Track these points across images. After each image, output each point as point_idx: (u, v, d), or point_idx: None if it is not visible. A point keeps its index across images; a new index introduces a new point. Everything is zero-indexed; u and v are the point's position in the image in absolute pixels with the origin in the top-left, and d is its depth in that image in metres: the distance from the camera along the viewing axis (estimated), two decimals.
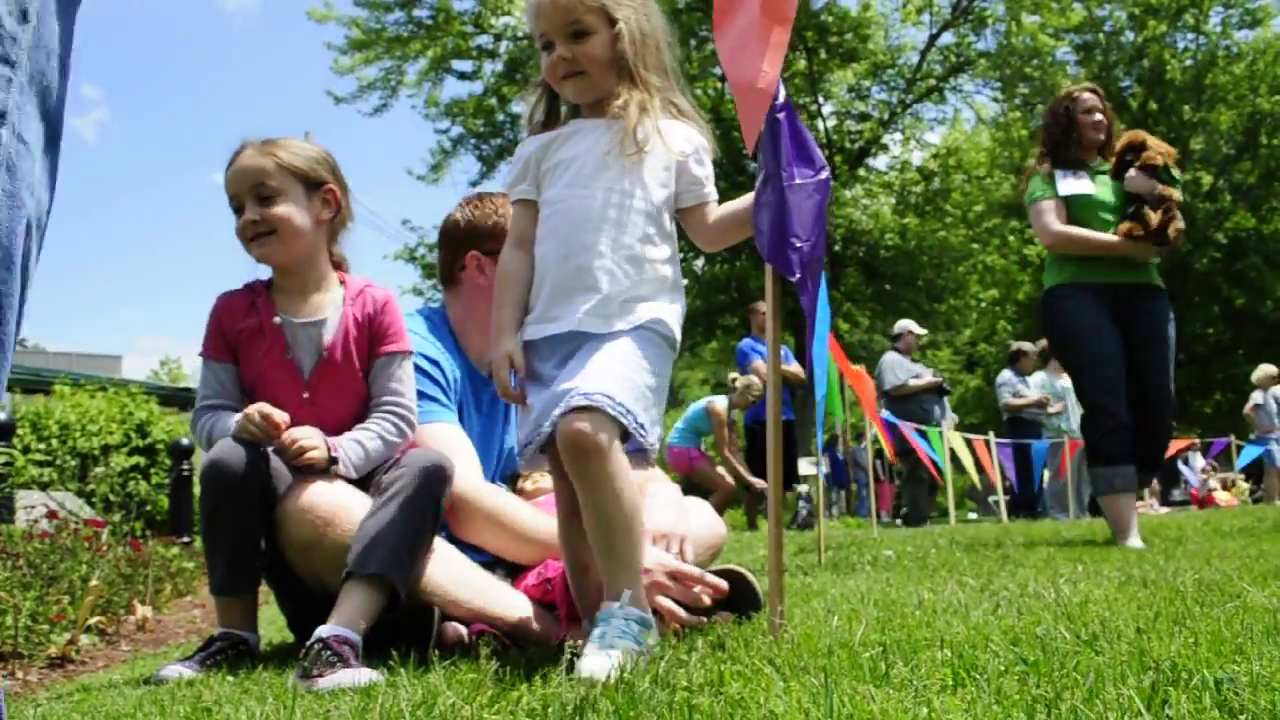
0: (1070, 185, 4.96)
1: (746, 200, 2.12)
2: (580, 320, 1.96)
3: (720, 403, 9.40)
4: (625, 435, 1.89)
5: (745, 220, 2.12)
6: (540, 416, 1.93)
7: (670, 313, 2.04)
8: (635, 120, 2.04)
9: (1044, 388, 10.88)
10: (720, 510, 8.92)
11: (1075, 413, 10.89)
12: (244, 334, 2.55)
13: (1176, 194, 4.74)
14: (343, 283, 2.66)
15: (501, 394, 2.02)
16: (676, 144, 2.11)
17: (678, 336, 2.06)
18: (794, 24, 2.14)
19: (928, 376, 10.62)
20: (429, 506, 2.28)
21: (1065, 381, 11.00)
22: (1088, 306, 4.80)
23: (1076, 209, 4.92)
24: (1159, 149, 4.84)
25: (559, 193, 2.04)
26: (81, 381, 12.05)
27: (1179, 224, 4.71)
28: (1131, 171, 4.83)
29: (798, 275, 2.02)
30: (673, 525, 2.51)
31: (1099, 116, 5.06)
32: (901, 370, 10.46)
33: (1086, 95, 5.11)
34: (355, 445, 2.47)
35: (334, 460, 2.41)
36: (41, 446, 8.80)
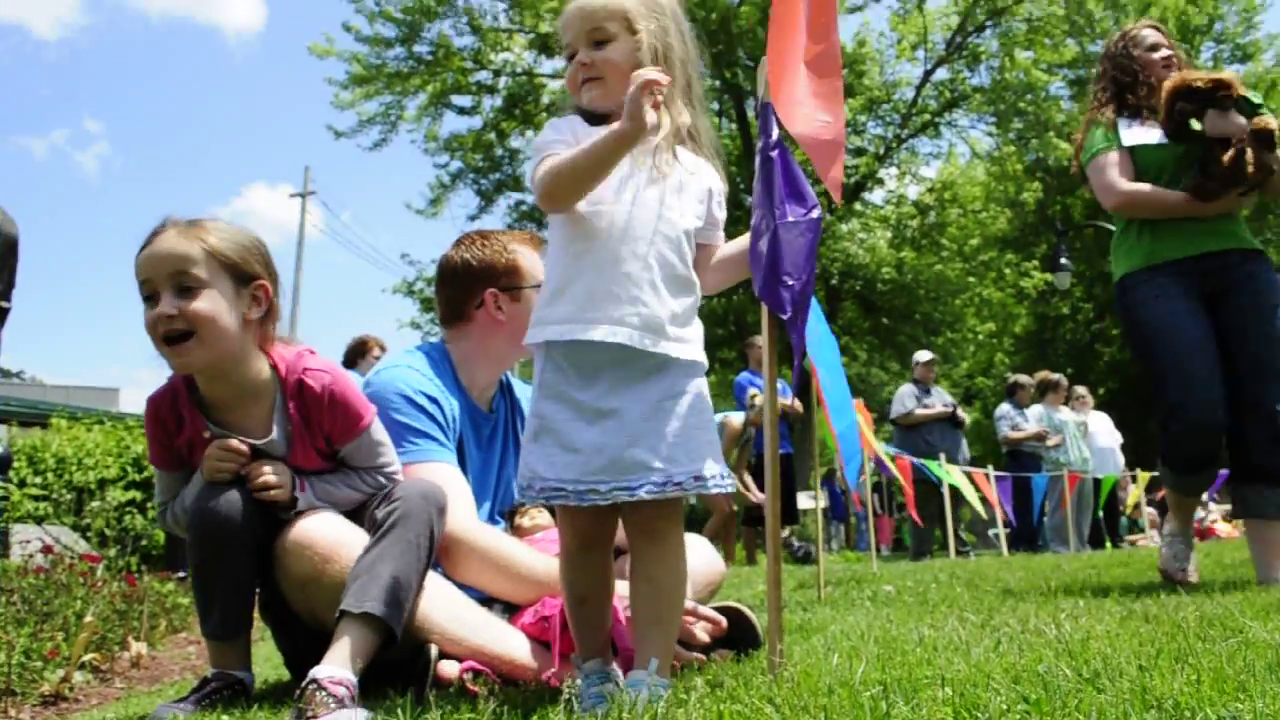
0: (1137, 134, 4.10)
1: (743, 242, 2.12)
2: (628, 334, 1.90)
3: (736, 419, 9.37)
4: None
5: (743, 262, 2.12)
6: (604, 474, 1.86)
7: (701, 332, 2.06)
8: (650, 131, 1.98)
9: (1042, 420, 10.88)
10: (716, 534, 8.90)
11: (1075, 445, 10.88)
12: (184, 448, 2.41)
13: (1273, 122, 3.78)
14: (275, 367, 2.41)
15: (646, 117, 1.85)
16: (707, 179, 2.12)
17: None
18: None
19: (939, 406, 10.55)
20: (424, 540, 2.26)
21: (1063, 415, 11.01)
22: (1168, 291, 3.96)
23: (1144, 165, 4.08)
24: (1222, 81, 3.85)
25: (601, 195, 1.98)
26: (79, 414, 12.02)
27: (1259, 156, 3.77)
28: (1209, 114, 3.85)
29: (789, 313, 2.02)
30: None
31: (1166, 52, 4.20)
32: (910, 400, 10.44)
33: (1146, 30, 4.27)
34: (327, 488, 2.43)
35: (295, 500, 2.37)
36: (38, 480, 8.77)
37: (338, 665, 2.01)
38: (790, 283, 2.00)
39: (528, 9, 19.33)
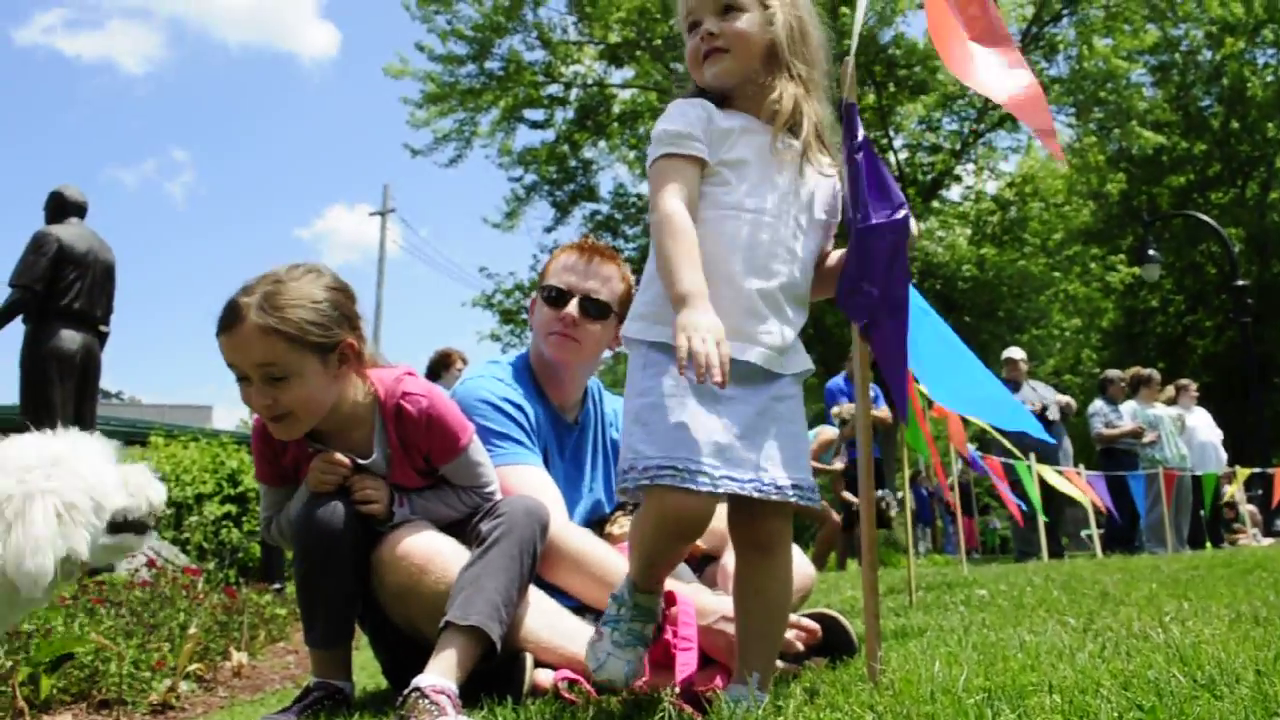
0: None
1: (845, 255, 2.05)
2: (760, 354, 1.85)
3: (830, 432, 9.37)
4: None
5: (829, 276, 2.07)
6: (716, 458, 1.76)
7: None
8: (787, 114, 1.93)
9: (1136, 417, 10.54)
10: (829, 542, 8.88)
11: (1171, 442, 10.53)
12: (290, 466, 2.48)
13: None
14: (374, 392, 2.44)
15: (716, 358, 1.66)
16: (833, 182, 2.04)
17: None
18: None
19: (1030, 405, 10.29)
20: (526, 557, 2.29)
21: (1157, 410, 10.66)
22: None
23: None
24: None
25: (739, 199, 1.90)
26: (175, 432, 12.40)
27: None
28: None
29: (864, 320, 1.99)
30: None
31: None
32: None
33: None
34: (425, 505, 2.48)
35: (392, 514, 2.41)
36: None
37: (440, 675, 2.03)
38: (868, 289, 1.96)
39: (597, 21, 19.45)
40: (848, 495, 9.35)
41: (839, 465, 9.32)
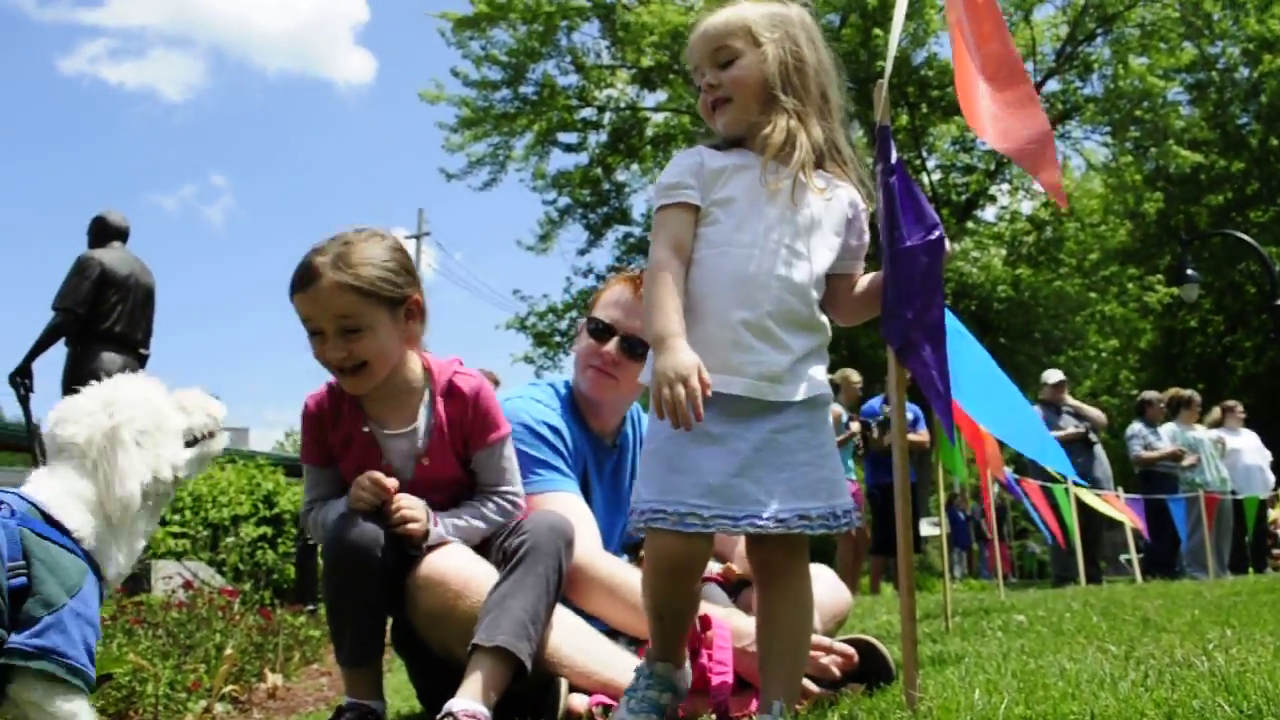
0: None
1: (880, 277, 2.04)
2: (743, 385, 1.87)
3: (834, 408, 9.27)
4: None
5: (879, 297, 2.04)
6: (708, 499, 1.81)
7: (825, 363, 2.02)
8: (777, 146, 1.95)
9: (1175, 439, 10.38)
10: (848, 565, 8.79)
11: (1211, 465, 10.36)
12: (337, 445, 2.52)
13: None
14: (428, 369, 2.56)
15: (685, 400, 1.74)
16: (844, 206, 2.03)
17: None
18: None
19: (1071, 426, 10.15)
20: (552, 574, 2.29)
21: (1197, 433, 10.50)
22: None
23: None
24: None
25: (728, 235, 1.93)
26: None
27: None
28: None
29: (898, 345, 1.98)
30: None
31: None
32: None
33: None
34: (456, 524, 2.48)
35: (428, 535, 2.41)
36: (176, 518, 9.14)
37: (471, 698, 2.03)
38: (903, 312, 1.95)
39: (629, 45, 19.59)
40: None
41: None
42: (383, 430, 2.49)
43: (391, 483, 2.41)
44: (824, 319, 2.01)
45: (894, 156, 2.01)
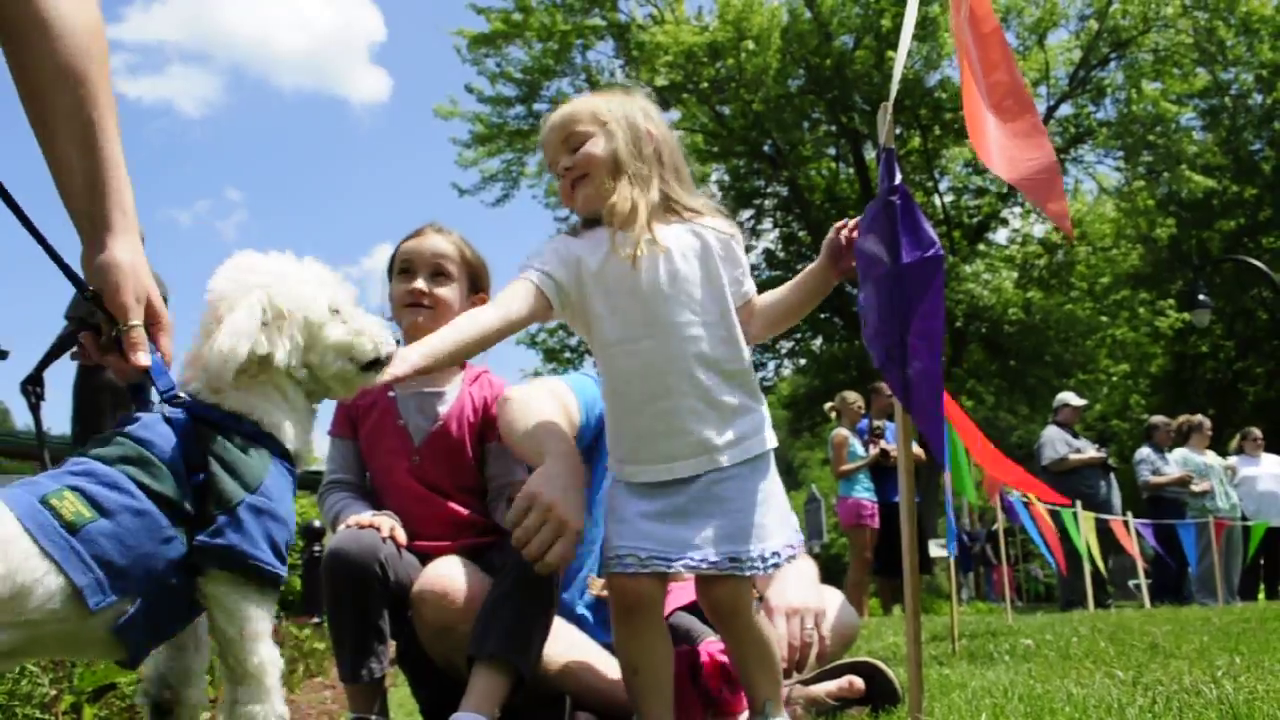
0: None
1: (787, 289, 2.18)
2: (681, 467, 2.01)
3: (840, 433, 9.24)
4: None
5: (794, 309, 2.19)
6: (646, 541, 1.97)
7: (765, 415, 2.10)
8: (624, 215, 2.05)
9: (1185, 464, 10.32)
10: (856, 585, 8.74)
11: (1222, 491, 10.30)
12: (362, 408, 2.66)
13: None
14: (462, 366, 2.73)
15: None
16: (706, 241, 2.11)
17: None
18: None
19: (1090, 451, 10.09)
20: (542, 581, 2.27)
21: (1207, 458, 10.43)
22: None
23: None
24: None
25: (619, 332, 2.04)
26: None
27: None
28: None
29: (880, 362, 2.04)
30: (805, 600, 2.46)
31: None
32: (1061, 445, 9.95)
33: None
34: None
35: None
36: None
37: (473, 712, 2.03)
38: (890, 329, 2.00)
39: (644, 65, 19.67)
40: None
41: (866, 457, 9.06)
42: (405, 391, 2.63)
43: (402, 537, 2.45)
44: (736, 362, 2.07)
45: (898, 178, 2.04)
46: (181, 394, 1.72)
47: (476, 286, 2.73)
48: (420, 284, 2.63)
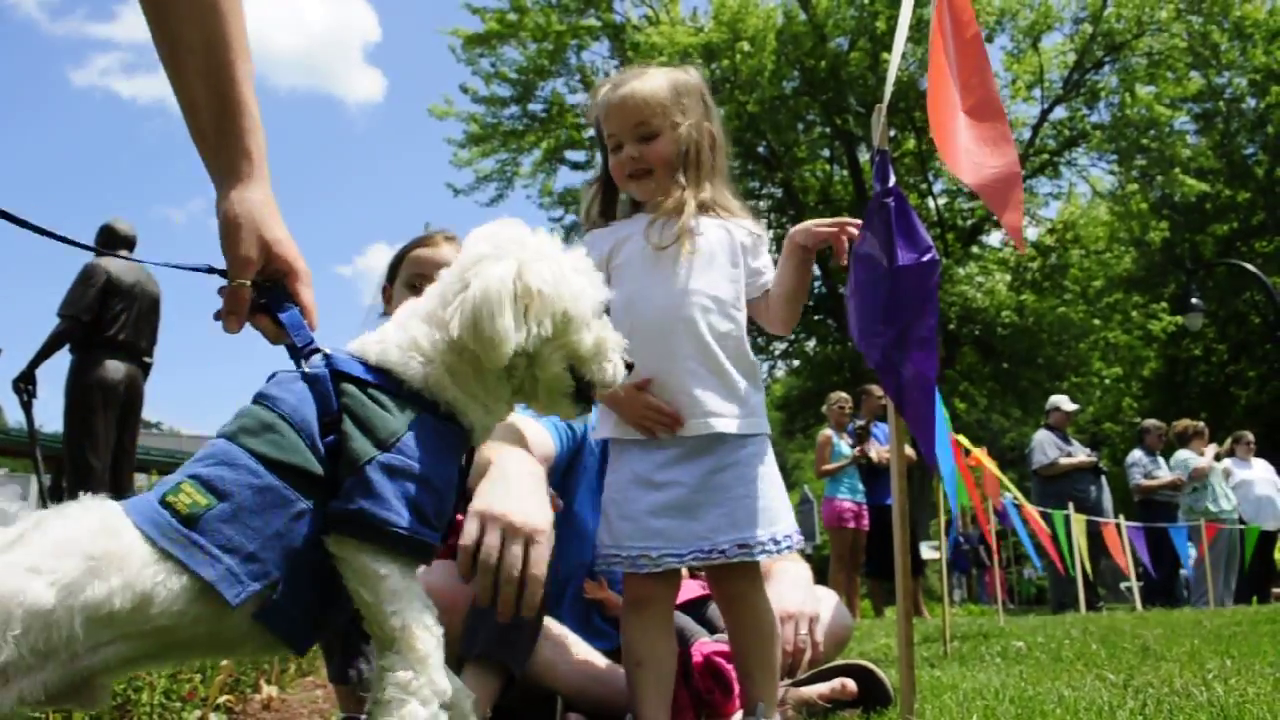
0: None
1: (780, 274, 2.19)
2: (693, 425, 2.04)
3: (825, 433, 9.25)
4: None
5: (793, 294, 2.18)
6: (655, 539, 2.02)
7: (762, 403, 2.15)
8: (669, 211, 2.13)
9: (1185, 466, 10.29)
10: (839, 585, 8.72)
11: (1222, 493, 10.29)
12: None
13: None
14: None
15: (658, 415, 2.05)
16: (737, 237, 2.19)
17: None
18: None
19: (1082, 455, 10.10)
20: None
21: (1198, 460, 10.42)
22: None
23: None
24: None
25: (628, 295, 2.09)
26: None
27: None
28: None
29: (875, 363, 2.05)
30: (801, 604, 2.49)
31: None
32: (1052, 448, 9.98)
33: None
34: None
35: None
36: None
37: None
38: (885, 331, 2.00)
39: (639, 65, 19.67)
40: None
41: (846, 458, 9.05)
42: None
43: None
44: (741, 349, 2.13)
45: (892, 180, 2.04)
46: (324, 348, 1.54)
47: None
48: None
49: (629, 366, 1.61)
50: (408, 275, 2.61)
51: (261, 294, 1.55)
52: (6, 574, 1.25)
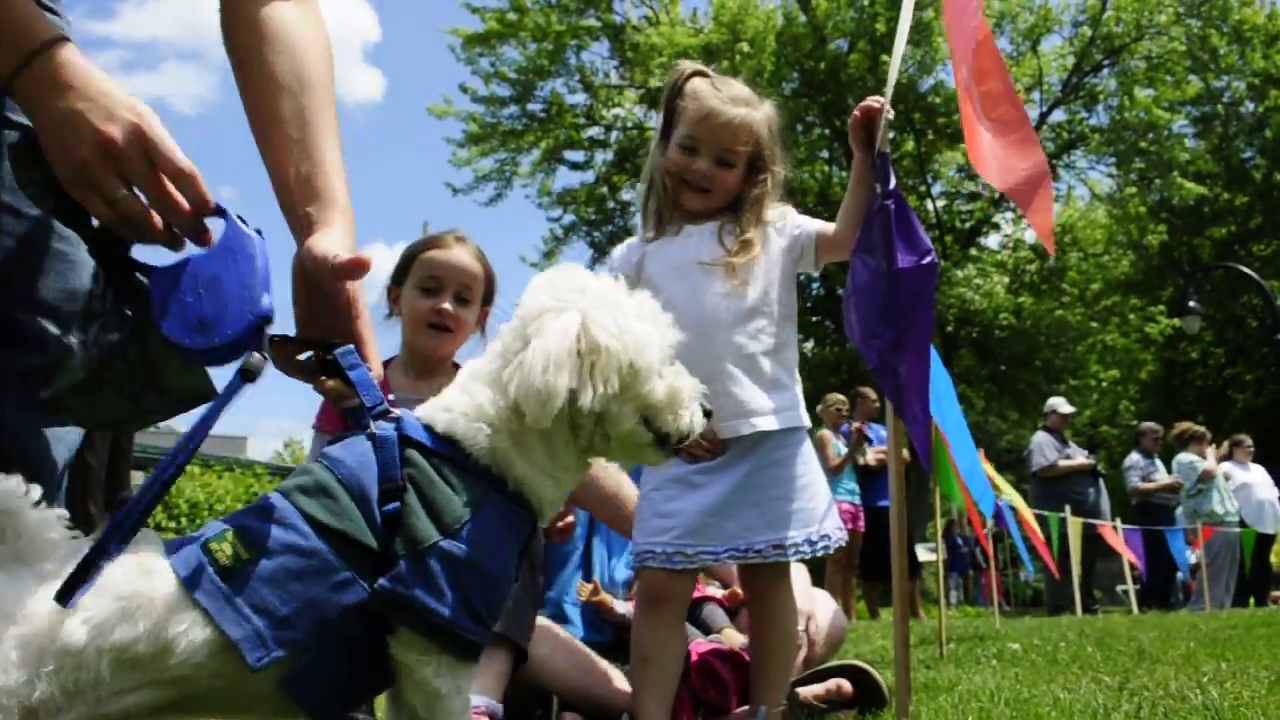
0: None
1: (843, 206, 2.21)
2: (717, 426, 2.05)
3: (824, 433, 9.24)
4: None
5: (853, 207, 2.18)
6: (691, 538, 2.05)
7: (799, 396, 2.18)
8: (749, 252, 2.17)
9: (1192, 468, 10.28)
10: (835, 588, 8.71)
11: (1225, 496, 10.28)
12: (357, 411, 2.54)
13: None
14: (456, 367, 2.67)
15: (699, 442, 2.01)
16: (776, 245, 2.25)
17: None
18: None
19: (1080, 458, 10.10)
20: (527, 556, 2.25)
21: (1205, 463, 10.40)
22: None
23: None
24: None
25: (671, 293, 2.10)
26: (210, 462, 12.51)
27: None
28: None
29: (874, 365, 2.08)
30: (799, 602, 2.48)
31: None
32: (1051, 450, 9.97)
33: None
34: None
35: None
36: (172, 525, 9.16)
37: (480, 691, 2.04)
38: (883, 333, 2.02)
39: (638, 65, 19.69)
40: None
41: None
42: (403, 395, 2.53)
43: None
44: (773, 342, 2.15)
45: (892, 183, 2.05)
46: (395, 411, 1.45)
47: (488, 298, 2.73)
48: (448, 305, 2.60)
49: (707, 414, 1.52)
50: (420, 278, 2.64)
51: (327, 352, 1.48)
52: (44, 608, 1.21)
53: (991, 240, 22.06)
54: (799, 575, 2.70)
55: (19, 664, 1.19)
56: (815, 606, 2.59)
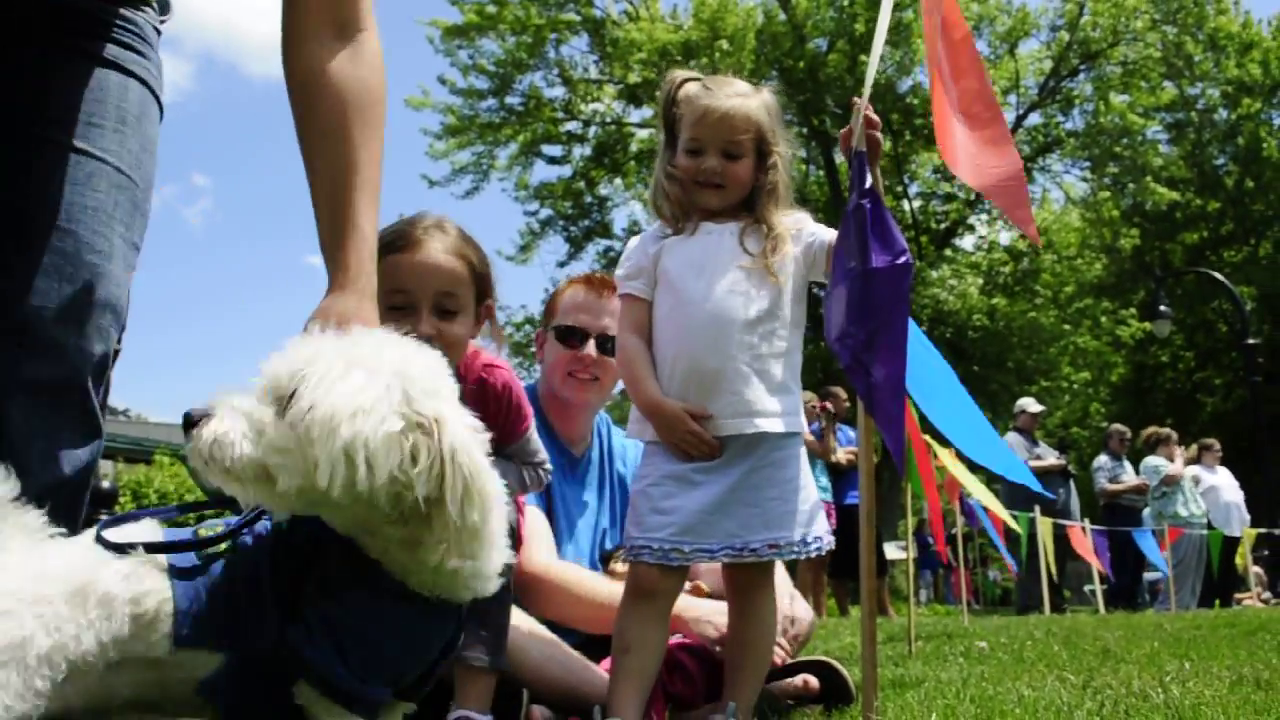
0: None
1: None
2: (721, 425, 2.08)
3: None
4: None
5: None
6: (687, 535, 2.05)
7: (799, 401, 2.19)
8: (783, 248, 2.17)
9: (1159, 471, 10.40)
10: (806, 585, 8.73)
11: (1192, 499, 10.39)
12: None
13: None
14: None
15: (698, 443, 2.08)
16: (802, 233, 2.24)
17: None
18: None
19: (1051, 459, 10.17)
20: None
21: (1170, 466, 10.50)
22: None
23: None
24: None
25: (688, 290, 2.13)
26: (181, 451, 12.39)
27: None
28: None
29: (847, 364, 2.09)
30: (782, 605, 2.49)
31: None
32: (1020, 451, 10.02)
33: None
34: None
35: None
36: None
37: (474, 709, 2.03)
38: (856, 333, 2.02)
39: (617, 60, 19.67)
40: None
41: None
42: None
43: None
44: (784, 345, 2.16)
45: (869, 182, 2.06)
46: None
47: (483, 294, 2.20)
48: (426, 326, 2.02)
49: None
50: (385, 292, 1.87)
51: None
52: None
53: (967, 241, 22.23)
54: (781, 576, 2.70)
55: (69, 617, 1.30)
56: (796, 613, 2.59)
